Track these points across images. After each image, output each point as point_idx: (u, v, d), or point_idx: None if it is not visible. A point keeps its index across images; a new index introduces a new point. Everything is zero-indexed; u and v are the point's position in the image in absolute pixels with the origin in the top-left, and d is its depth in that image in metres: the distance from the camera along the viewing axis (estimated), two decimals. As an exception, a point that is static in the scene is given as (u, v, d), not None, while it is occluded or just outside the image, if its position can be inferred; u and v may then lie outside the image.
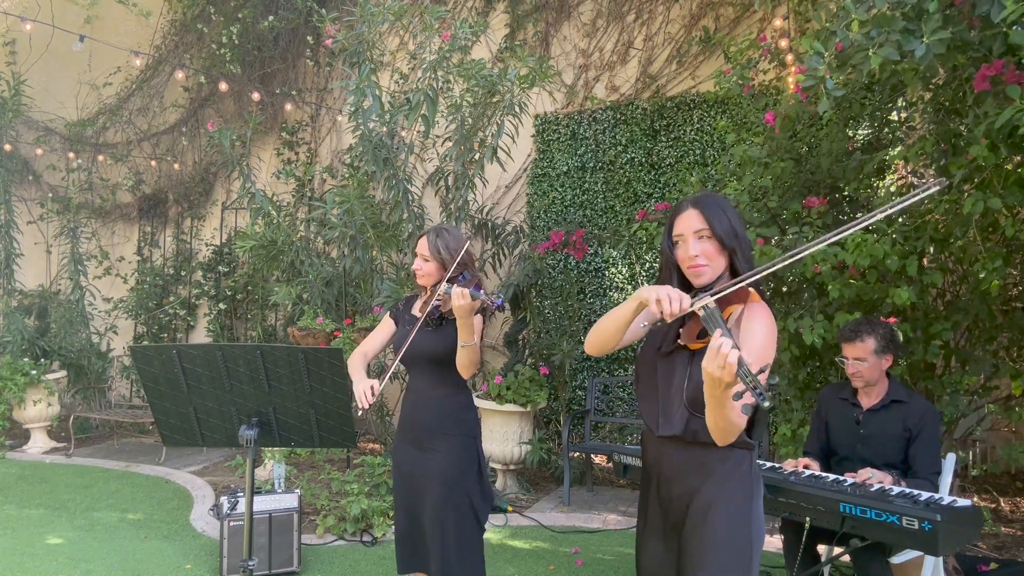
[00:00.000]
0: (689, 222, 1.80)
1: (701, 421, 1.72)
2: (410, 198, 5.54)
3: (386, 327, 2.83)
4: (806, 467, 2.95)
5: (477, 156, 5.29)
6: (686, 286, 1.85)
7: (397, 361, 2.63)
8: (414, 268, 2.70)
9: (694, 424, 1.76)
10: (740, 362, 1.41)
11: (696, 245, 1.78)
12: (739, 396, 1.41)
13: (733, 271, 1.81)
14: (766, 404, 1.37)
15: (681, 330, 1.81)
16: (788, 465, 2.96)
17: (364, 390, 2.52)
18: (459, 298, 2.39)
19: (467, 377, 2.63)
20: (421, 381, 2.67)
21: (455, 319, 2.58)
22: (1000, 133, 2.69)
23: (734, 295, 1.74)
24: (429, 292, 2.70)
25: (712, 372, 1.46)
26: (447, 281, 2.58)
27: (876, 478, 2.73)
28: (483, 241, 6.24)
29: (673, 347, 1.84)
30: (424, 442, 2.64)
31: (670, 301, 1.63)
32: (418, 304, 2.80)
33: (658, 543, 1.91)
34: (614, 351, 1.99)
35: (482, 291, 2.42)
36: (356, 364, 2.72)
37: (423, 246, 2.67)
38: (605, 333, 1.90)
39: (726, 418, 1.58)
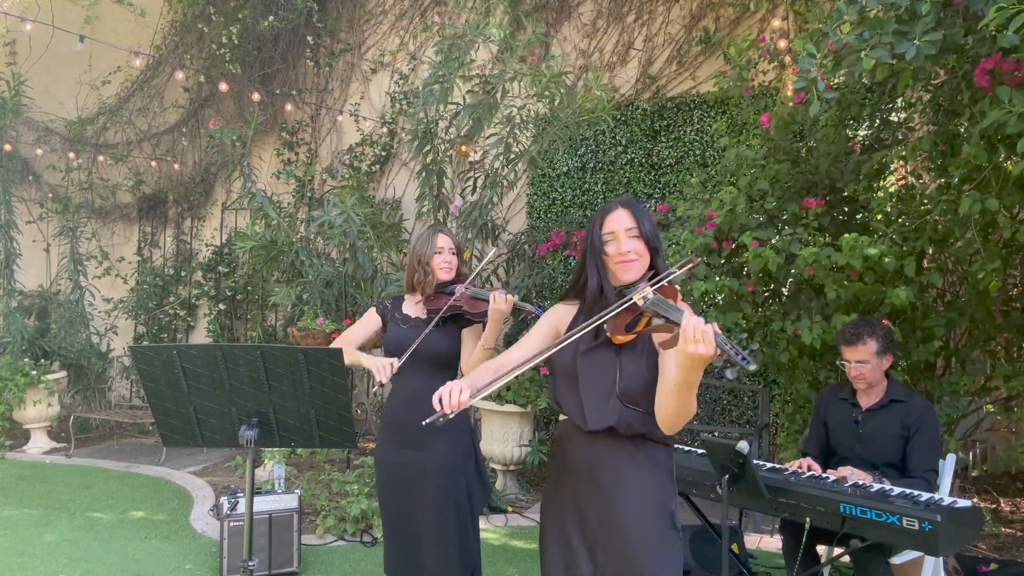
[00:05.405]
0: (621, 221, 1.89)
1: (634, 414, 1.80)
2: (441, 190, 5.58)
3: (370, 321, 2.81)
4: (809, 468, 2.93)
5: (484, 157, 5.31)
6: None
7: (411, 350, 2.58)
8: (445, 261, 2.69)
9: (627, 416, 1.81)
10: (716, 332, 1.43)
11: (628, 242, 1.87)
12: (727, 365, 1.42)
13: (654, 272, 1.90)
14: (752, 367, 1.39)
15: (605, 326, 1.83)
16: (791, 466, 2.94)
17: (383, 364, 2.53)
18: (502, 303, 2.43)
19: None
20: (418, 380, 2.64)
21: (462, 320, 2.64)
22: (998, 133, 2.69)
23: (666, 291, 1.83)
24: (428, 292, 2.70)
25: (694, 352, 1.47)
26: (465, 284, 2.63)
27: (856, 476, 2.72)
28: (482, 243, 6.23)
29: (597, 343, 1.87)
30: (420, 441, 2.62)
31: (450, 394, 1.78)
32: (408, 304, 2.80)
33: (577, 543, 1.92)
34: None
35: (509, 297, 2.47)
36: (352, 349, 2.71)
37: (449, 241, 2.71)
38: None
39: (689, 402, 1.63)
